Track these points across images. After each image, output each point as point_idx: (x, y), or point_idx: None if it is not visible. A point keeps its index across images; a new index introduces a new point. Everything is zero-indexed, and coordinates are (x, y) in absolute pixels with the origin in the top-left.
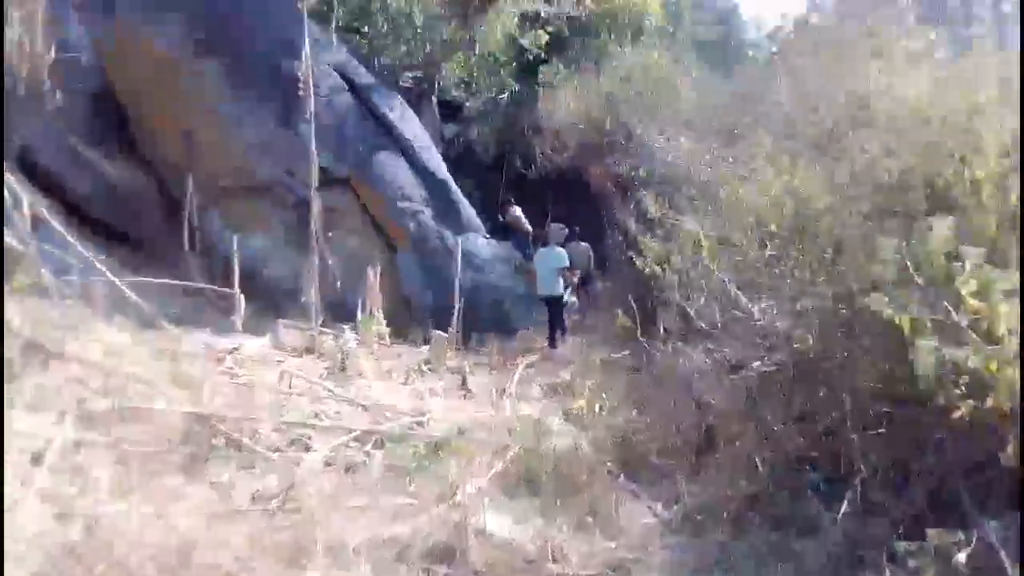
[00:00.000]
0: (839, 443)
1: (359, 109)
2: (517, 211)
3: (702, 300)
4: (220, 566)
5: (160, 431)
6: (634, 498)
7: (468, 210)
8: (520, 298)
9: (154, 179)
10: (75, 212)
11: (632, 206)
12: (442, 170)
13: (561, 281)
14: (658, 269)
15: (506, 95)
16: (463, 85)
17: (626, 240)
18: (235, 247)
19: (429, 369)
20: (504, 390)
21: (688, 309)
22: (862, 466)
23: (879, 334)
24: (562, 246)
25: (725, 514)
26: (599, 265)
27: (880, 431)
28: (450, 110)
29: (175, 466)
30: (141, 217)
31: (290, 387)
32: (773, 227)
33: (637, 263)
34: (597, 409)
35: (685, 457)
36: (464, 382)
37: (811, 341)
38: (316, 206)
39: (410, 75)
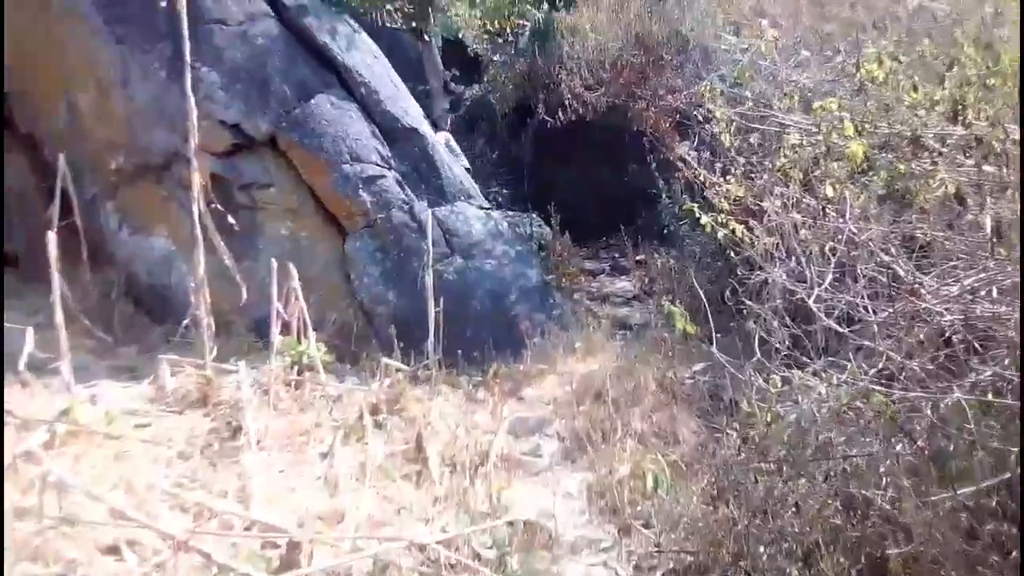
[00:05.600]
0: None
1: (287, 39)
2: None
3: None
4: None
5: None
6: None
7: (453, 169)
8: (532, 291)
9: (38, 167)
10: None
11: (694, 143)
12: (411, 116)
13: None
14: (741, 229)
15: (526, 32)
16: (486, 37)
17: (691, 193)
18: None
19: (375, 422)
20: (485, 458)
21: (805, 296)
22: None
23: None
24: None
25: None
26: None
27: None
28: (472, 67)
29: None
30: (16, 219)
31: (59, 505)
32: None
33: (704, 222)
34: (650, 485)
35: None
36: (419, 446)
37: None
38: (197, 179)
39: (392, 7)
